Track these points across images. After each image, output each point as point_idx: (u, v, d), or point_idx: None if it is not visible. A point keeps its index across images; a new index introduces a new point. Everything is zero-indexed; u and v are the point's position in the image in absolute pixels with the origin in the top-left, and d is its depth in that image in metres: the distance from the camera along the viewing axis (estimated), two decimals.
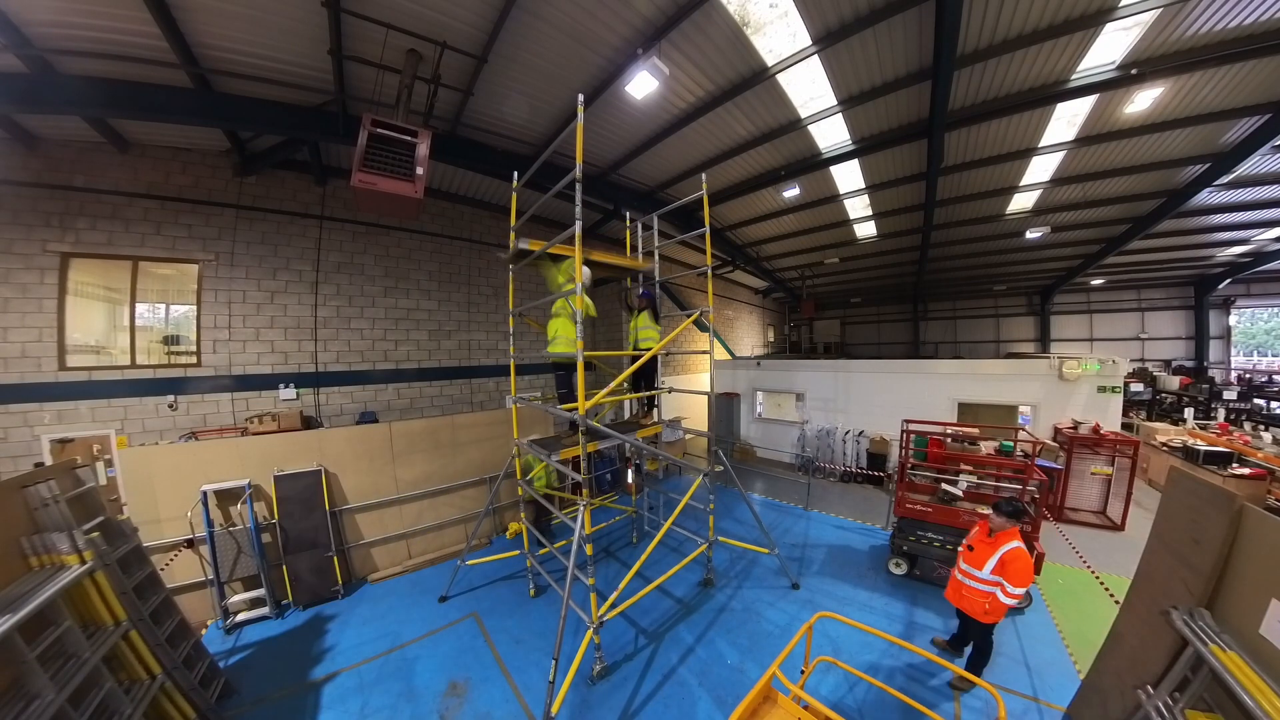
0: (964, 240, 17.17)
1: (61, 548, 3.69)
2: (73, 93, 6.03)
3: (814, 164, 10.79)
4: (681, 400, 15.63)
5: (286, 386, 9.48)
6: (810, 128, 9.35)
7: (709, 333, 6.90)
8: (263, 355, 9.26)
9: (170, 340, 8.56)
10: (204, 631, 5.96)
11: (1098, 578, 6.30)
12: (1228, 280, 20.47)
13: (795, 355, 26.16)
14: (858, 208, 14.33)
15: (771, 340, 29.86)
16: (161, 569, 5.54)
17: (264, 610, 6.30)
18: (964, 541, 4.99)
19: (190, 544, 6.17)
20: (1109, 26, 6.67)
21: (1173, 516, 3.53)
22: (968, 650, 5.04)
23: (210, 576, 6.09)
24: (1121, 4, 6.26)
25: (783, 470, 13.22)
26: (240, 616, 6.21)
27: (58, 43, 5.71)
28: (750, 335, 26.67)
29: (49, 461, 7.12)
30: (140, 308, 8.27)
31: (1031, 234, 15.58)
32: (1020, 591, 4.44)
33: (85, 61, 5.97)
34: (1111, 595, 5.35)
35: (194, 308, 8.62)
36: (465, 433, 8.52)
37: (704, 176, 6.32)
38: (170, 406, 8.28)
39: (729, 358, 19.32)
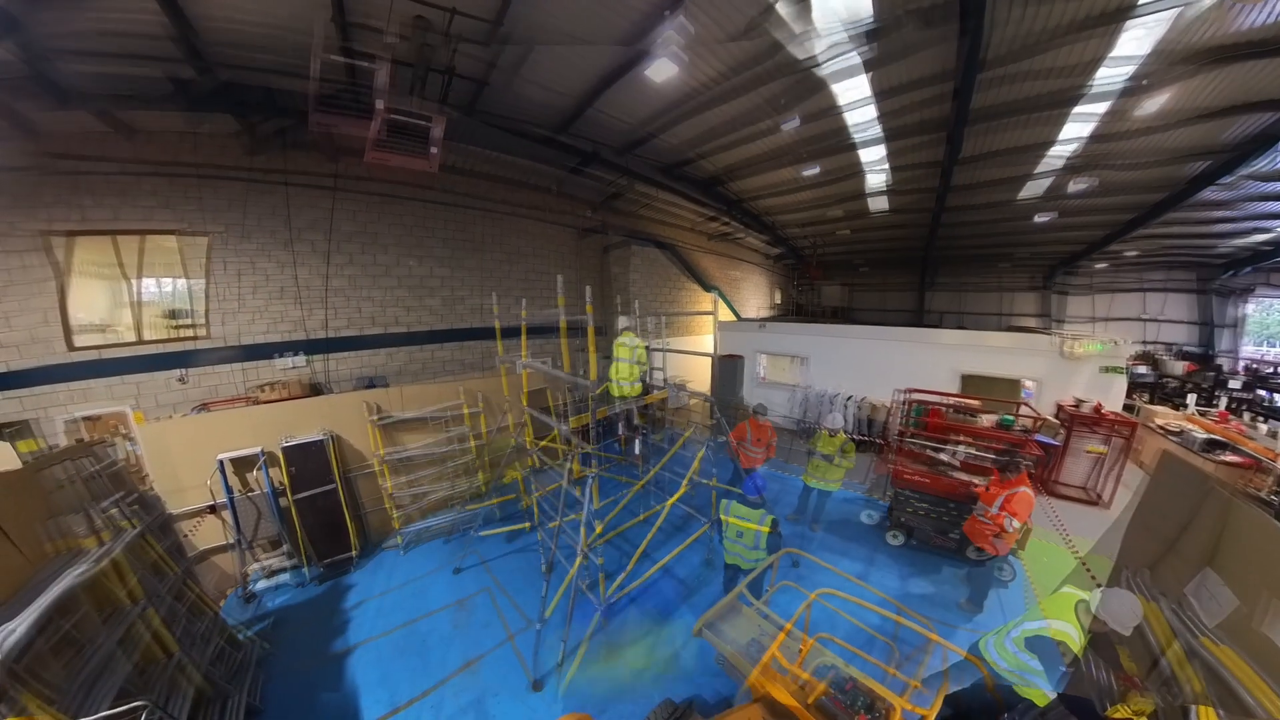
0: (981, 205, 16.29)
1: (94, 523, 3.83)
2: (75, 88, 5.94)
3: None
4: (684, 361, 15.61)
5: (296, 354, 9.53)
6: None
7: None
8: (273, 324, 9.27)
9: (178, 314, 8.52)
10: (223, 603, 6.14)
11: (1079, 559, 6.59)
12: (1248, 269, 19.69)
13: (801, 318, 26.02)
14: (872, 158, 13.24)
15: (779, 302, 29.61)
16: (185, 536, 5.82)
17: (285, 577, 6.59)
18: (980, 486, 6.21)
19: (213, 509, 6.41)
20: None
21: (1156, 498, 3.65)
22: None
23: (233, 540, 6.37)
24: None
25: (784, 437, 13.29)
26: (260, 585, 6.51)
27: (59, 42, 5.58)
28: (757, 296, 26.43)
29: (71, 441, 7.19)
30: (148, 282, 8.20)
31: (1044, 216, 14.90)
32: (1018, 525, 5.40)
33: (87, 59, 5.84)
34: (1092, 576, 5.57)
35: (203, 280, 8.55)
36: (473, 397, 8.56)
37: None
38: (180, 380, 8.36)
39: (734, 319, 19.23)
